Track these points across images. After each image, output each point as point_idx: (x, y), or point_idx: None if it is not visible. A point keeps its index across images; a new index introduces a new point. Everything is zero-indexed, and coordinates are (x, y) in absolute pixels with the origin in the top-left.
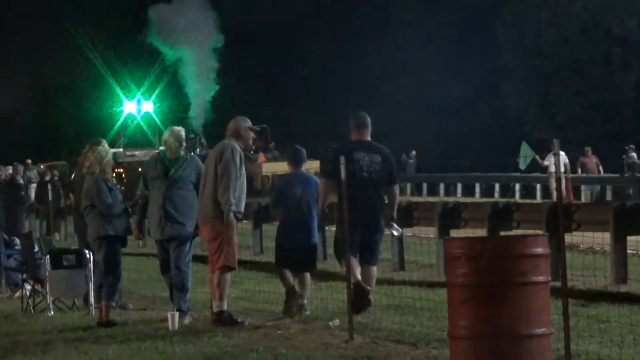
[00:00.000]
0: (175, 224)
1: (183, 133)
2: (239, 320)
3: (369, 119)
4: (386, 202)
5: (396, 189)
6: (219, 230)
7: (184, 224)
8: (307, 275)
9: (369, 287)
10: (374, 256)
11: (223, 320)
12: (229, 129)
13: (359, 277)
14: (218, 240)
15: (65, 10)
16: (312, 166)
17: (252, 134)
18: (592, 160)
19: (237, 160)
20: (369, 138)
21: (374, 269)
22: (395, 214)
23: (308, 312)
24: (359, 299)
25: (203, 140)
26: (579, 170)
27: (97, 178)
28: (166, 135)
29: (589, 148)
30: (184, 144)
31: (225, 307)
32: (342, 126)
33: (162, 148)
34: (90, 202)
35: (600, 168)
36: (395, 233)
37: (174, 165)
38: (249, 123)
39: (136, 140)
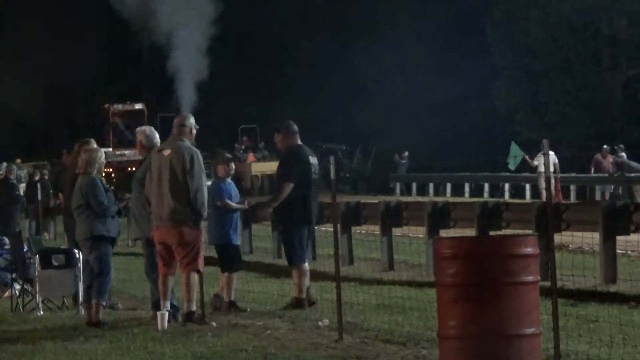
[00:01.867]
0: (136, 226)
1: (150, 133)
2: (208, 321)
3: None
4: None
5: None
6: (193, 236)
7: (143, 225)
8: (229, 275)
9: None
10: (312, 251)
11: (194, 320)
12: (179, 125)
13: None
14: (190, 245)
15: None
16: None
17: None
18: (608, 160)
19: (202, 165)
20: None
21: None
22: None
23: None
24: (303, 303)
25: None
26: (592, 169)
27: (94, 178)
28: None
29: (607, 147)
30: (150, 143)
31: (195, 308)
32: (331, 126)
33: None
34: (84, 201)
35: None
36: None
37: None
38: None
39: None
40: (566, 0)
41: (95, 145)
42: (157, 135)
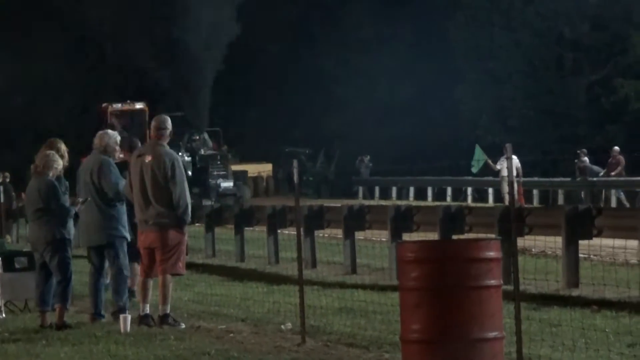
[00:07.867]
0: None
1: (109, 138)
2: (180, 323)
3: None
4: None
5: None
6: (177, 239)
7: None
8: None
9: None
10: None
11: (169, 322)
12: (157, 128)
13: None
14: (175, 248)
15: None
16: (265, 169)
17: None
18: None
19: (183, 170)
20: None
21: None
22: None
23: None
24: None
25: (206, 138)
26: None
27: (53, 181)
28: None
29: None
30: (106, 149)
31: (169, 310)
32: (295, 129)
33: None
34: (44, 204)
35: None
36: None
37: None
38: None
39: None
40: (529, 5)
41: (63, 147)
42: (113, 139)
